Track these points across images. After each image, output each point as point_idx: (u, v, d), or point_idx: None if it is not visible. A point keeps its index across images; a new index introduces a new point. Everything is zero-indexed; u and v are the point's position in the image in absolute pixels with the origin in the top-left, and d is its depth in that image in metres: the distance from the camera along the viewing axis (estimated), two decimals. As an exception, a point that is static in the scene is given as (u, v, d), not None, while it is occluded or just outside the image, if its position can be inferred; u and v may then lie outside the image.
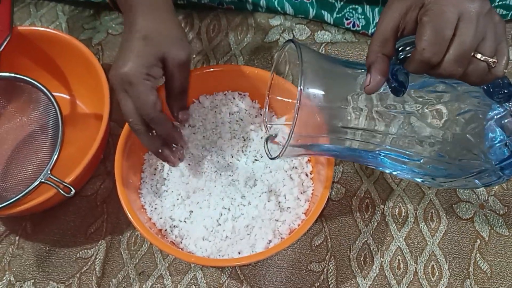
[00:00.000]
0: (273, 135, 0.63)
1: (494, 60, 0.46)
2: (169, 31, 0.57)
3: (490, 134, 0.54)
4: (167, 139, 0.61)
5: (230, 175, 0.67)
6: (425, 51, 0.45)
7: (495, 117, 0.54)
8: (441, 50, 0.45)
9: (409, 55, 0.49)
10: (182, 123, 0.68)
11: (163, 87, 0.62)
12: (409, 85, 0.54)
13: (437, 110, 0.54)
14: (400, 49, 0.50)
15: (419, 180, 0.59)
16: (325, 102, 0.54)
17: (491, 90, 0.53)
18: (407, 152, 0.56)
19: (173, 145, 0.63)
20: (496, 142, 0.54)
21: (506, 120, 0.53)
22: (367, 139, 0.56)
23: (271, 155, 0.58)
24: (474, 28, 0.45)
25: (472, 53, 0.46)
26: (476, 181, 0.56)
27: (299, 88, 0.50)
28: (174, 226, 0.65)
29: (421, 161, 0.56)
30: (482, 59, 0.46)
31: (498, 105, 0.54)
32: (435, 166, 0.56)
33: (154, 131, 0.60)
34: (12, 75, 0.67)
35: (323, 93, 0.53)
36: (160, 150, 0.61)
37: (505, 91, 0.52)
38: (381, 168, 0.60)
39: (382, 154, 0.57)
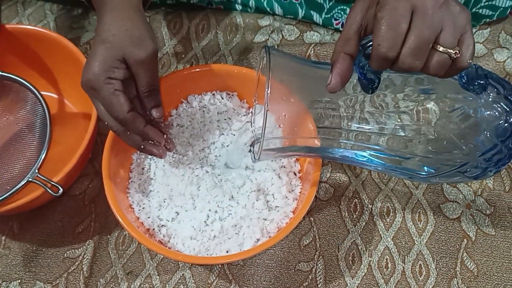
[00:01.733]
0: (258, 138, 0.63)
1: (455, 51, 0.46)
2: (130, 31, 0.57)
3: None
4: (142, 137, 0.61)
5: (218, 174, 0.67)
6: (380, 46, 0.45)
7: (478, 109, 0.54)
8: (396, 44, 0.45)
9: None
10: (159, 120, 0.64)
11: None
12: (401, 83, 0.54)
13: (428, 108, 0.55)
14: (367, 46, 0.50)
15: (407, 177, 0.59)
16: (298, 104, 0.54)
17: (466, 81, 0.53)
18: (398, 151, 0.56)
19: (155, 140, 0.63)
20: (477, 134, 0.54)
21: (485, 112, 0.54)
22: (356, 140, 0.56)
23: (254, 158, 0.58)
24: (429, 20, 0.45)
25: (432, 45, 0.46)
26: (464, 174, 0.56)
27: (266, 92, 0.51)
28: (162, 225, 0.65)
29: (411, 159, 0.56)
30: (441, 50, 0.46)
31: (481, 98, 0.54)
32: (424, 163, 0.56)
33: None
34: (-1, 73, 0.67)
35: (299, 96, 0.53)
36: (142, 146, 0.62)
37: (480, 81, 0.52)
38: (367, 167, 0.60)
39: (368, 153, 0.57)
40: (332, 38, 0.81)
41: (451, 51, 0.46)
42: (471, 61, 0.47)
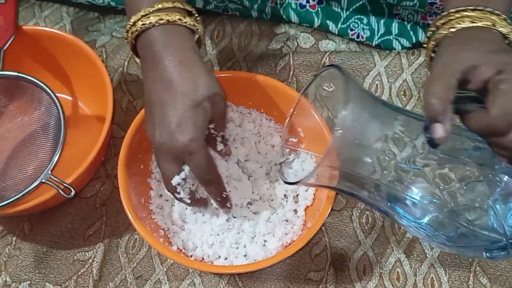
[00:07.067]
0: (290, 160, 0.62)
1: None
2: (213, 88, 0.57)
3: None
4: (213, 197, 0.62)
5: (234, 186, 0.66)
6: (498, 118, 0.45)
7: None
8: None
9: (464, 108, 0.48)
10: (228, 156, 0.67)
11: None
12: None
13: (463, 172, 0.54)
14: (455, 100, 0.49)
15: (422, 236, 0.58)
16: (360, 137, 0.54)
17: None
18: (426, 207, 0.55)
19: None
20: None
21: None
22: (389, 185, 0.56)
23: (285, 179, 0.56)
24: None
25: None
26: (484, 253, 0.55)
27: (342, 113, 0.49)
28: (180, 230, 0.65)
29: (439, 217, 0.55)
30: None
31: None
32: (450, 227, 0.55)
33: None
34: (15, 74, 0.67)
35: (362, 128, 0.53)
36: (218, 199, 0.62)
37: None
38: (395, 218, 0.59)
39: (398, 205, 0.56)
40: (347, 47, 0.81)
41: None
42: None
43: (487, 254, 0.55)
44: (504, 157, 0.50)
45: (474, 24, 0.51)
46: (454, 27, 0.52)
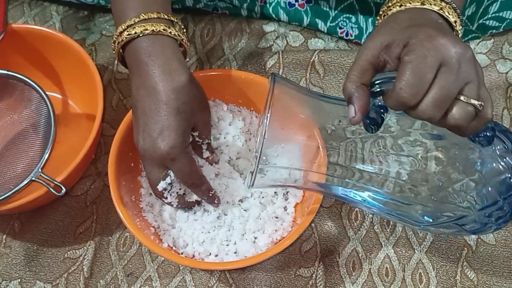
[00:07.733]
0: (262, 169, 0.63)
1: (480, 103, 0.46)
2: (197, 95, 0.60)
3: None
4: (200, 196, 0.64)
5: (225, 184, 0.67)
6: (402, 91, 0.45)
7: (483, 161, 0.53)
8: (419, 92, 0.45)
9: (383, 88, 0.48)
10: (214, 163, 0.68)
11: None
12: (407, 126, 0.54)
13: (434, 155, 0.54)
14: (376, 82, 0.49)
15: (402, 222, 0.58)
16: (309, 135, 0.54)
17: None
18: (398, 196, 0.55)
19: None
20: (480, 187, 0.53)
21: (490, 166, 0.53)
22: (356, 179, 0.56)
23: (249, 184, 0.57)
24: (456, 74, 0.45)
25: (461, 97, 0.46)
26: (461, 227, 0.55)
27: (265, 117, 0.51)
28: (170, 228, 0.65)
29: (411, 205, 0.55)
30: (470, 102, 0.46)
31: (487, 150, 0.53)
32: (423, 211, 0.55)
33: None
34: (5, 72, 0.67)
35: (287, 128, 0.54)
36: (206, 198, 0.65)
37: (487, 133, 0.51)
38: (362, 207, 0.60)
39: (366, 195, 0.56)
40: (336, 45, 0.82)
41: (477, 103, 0.46)
42: (493, 114, 0.47)
43: (466, 229, 0.55)
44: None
45: (402, 8, 0.52)
46: (387, 14, 0.53)
